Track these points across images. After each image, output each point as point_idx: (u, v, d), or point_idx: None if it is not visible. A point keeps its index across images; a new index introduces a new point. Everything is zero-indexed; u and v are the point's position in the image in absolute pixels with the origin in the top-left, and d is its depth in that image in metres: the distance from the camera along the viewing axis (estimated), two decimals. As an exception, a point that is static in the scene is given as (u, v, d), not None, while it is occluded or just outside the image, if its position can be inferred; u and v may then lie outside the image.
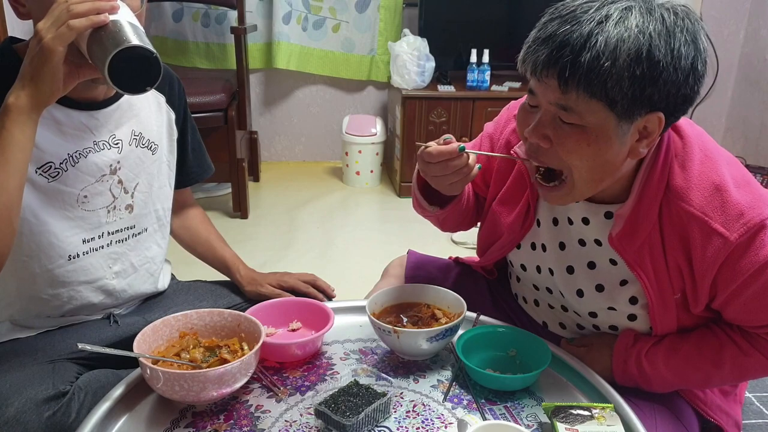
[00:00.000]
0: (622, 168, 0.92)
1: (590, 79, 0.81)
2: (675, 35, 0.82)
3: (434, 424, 0.92)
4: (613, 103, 0.83)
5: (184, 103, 1.24)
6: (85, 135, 1.04)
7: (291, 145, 3.60)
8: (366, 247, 2.53)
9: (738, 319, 0.99)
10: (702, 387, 1.08)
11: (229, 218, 2.78)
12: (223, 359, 0.96)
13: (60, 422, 0.94)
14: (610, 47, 0.79)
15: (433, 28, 3.04)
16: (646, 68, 0.81)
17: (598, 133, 0.86)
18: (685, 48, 0.82)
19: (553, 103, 0.86)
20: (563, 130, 0.87)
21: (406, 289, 1.18)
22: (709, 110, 3.67)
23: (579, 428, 0.86)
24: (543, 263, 1.11)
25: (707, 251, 0.91)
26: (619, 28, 0.80)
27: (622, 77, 0.81)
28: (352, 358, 1.08)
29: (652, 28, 0.81)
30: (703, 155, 0.95)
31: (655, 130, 0.87)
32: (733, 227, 0.90)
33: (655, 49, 0.80)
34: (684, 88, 0.84)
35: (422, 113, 2.97)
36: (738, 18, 3.58)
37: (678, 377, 1.02)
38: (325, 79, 3.45)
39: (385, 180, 3.36)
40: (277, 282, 1.30)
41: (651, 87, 0.82)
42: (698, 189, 0.92)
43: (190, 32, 3.25)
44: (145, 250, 1.18)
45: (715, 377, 1.02)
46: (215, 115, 2.57)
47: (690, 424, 1.07)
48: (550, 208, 1.09)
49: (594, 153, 0.87)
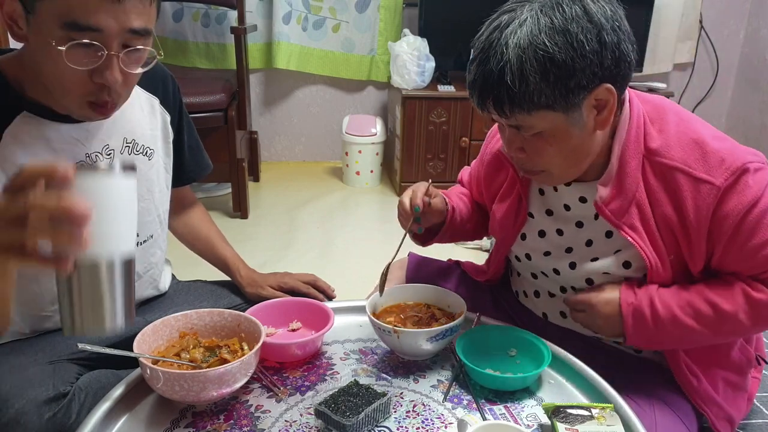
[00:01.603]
0: (594, 144, 0.98)
1: (518, 102, 0.90)
2: (569, 30, 0.87)
3: (434, 424, 0.92)
4: (550, 107, 0.90)
5: (179, 102, 1.22)
6: (77, 148, 1.01)
7: (291, 145, 3.60)
8: (366, 247, 2.53)
9: (739, 267, 1.00)
10: (718, 333, 1.03)
11: (229, 218, 2.77)
12: (223, 359, 0.96)
13: (60, 423, 0.93)
14: (518, 72, 0.88)
15: (433, 28, 3.04)
16: (556, 71, 0.87)
17: (555, 133, 0.94)
18: (584, 33, 0.87)
19: (507, 125, 0.97)
20: (528, 141, 0.97)
21: (406, 289, 1.18)
22: (709, 110, 3.67)
23: (579, 428, 0.86)
24: (541, 249, 1.14)
25: (699, 201, 0.96)
26: (517, 52, 0.88)
27: (541, 88, 0.88)
28: (352, 358, 1.08)
29: (543, 35, 0.87)
30: (677, 118, 1.01)
31: (609, 98, 0.93)
32: (716, 173, 0.95)
33: (554, 53, 0.87)
34: (605, 58, 0.89)
35: (422, 113, 2.97)
36: (738, 18, 3.58)
37: (691, 317, 1.00)
38: (325, 79, 3.45)
39: (385, 180, 3.36)
40: (277, 283, 1.30)
41: (572, 79, 0.88)
42: (677, 145, 0.98)
43: (190, 32, 3.25)
44: (150, 256, 1.18)
45: (729, 318, 1.00)
46: (215, 115, 2.57)
47: (690, 423, 1.07)
48: (542, 199, 1.13)
49: (559, 149, 0.96)
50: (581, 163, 1.00)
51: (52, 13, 0.84)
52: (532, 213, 1.15)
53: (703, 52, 3.63)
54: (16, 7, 0.87)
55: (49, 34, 0.85)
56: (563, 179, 1.04)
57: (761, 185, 0.96)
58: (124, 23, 0.86)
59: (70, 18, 0.84)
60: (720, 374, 1.11)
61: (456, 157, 3.05)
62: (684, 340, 1.03)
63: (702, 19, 3.52)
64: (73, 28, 0.84)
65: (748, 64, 3.60)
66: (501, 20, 0.91)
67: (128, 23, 0.87)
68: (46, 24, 0.85)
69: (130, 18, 0.87)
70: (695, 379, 1.08)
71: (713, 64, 3.66)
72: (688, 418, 1.08)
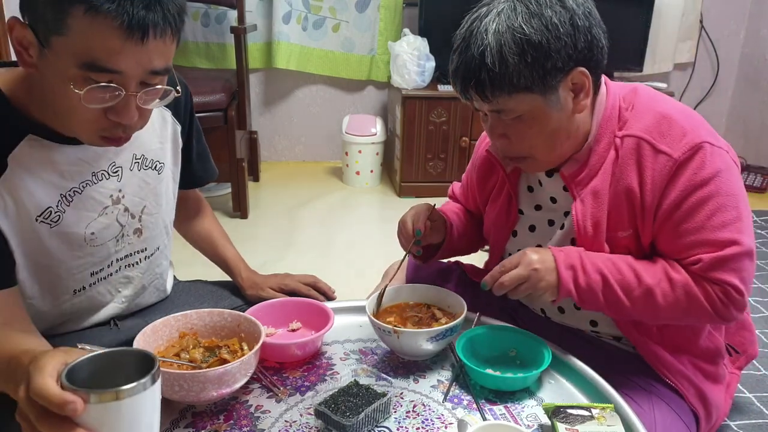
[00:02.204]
0: (573, 128, 1.02)
1: (498, 85, 0.94)
2: (543, 14, 0.93)
3: (434, 424, 0.92)
4: (528, 89, 0.95)
5: (191, 111, 1.19)
6: (83, 169, 0.98)
7: (291, 145, 3.60)
8: (366, 247, 2.53)
9: (666, 248, 1.02)
10: (635, 306, 1.01)
11: (229, 218, 2.78)
12: (223, 359, 0.96)
13: None
14: (497, 55, 0.93)
15: (433, 28, 3.04)
16: (533, 52, 0.93)
17: (534, 115, 0.98)
18: (558, 16, 0.93)
19: (488, 110, 1.01)
20: (510, 126, 1.01)
21: (406, 290, 1.18)
22: (709, 110, 3.67)
23: (579, 428, 0.86)
24: (533, 243, 1.15)
25: (656, 172, 0.99)
26: (497, 36, 0.93)
27: (520, 69, 0.93)
28: (352, 358, 1.08)
29: (520, 20, 0.93)
30: (648, 97, 1.05)
31: (584, 81, 0.98)
32: (676, 147, 0.98)
33: (531, 35, 0.92)
34: (579, 41, 0.95)
35: (422, 113, 2.97)
36: (738, 18, 3.58)
37: (617, 281, 0.99)
38: (325, 78, 3.45)
39: (385, 180, 3.36)
40: (278, 285, 1.29)
41: (548, 60, 0.93)
42: (645, 118, 1.02)
43: (190, 32, 3.24)
44: (156, 267, 1.18)
45: (648, 291, 0.99)
46: (215, 115, 2.57)
47: (689, 423, 1.07)
48: (531, 196, 1.16)
49: (540, 131, 0.99)
50: (562, 146, 1.03)
51: (69, 51, 0.80)
52: (522, 210, 1.18)
53: (704, 51, 3.63)
54: (27, 35, 0.82)
55: (65, 71, 0.81)
56: (547, 164, 1.06)
57: (714, 168, 0.97)
58: (146, 65, 0.83)
59: (90, 59, 0.80)
60: (690, 360, 1.11)
61: (456, 156, 3.05)
62: (610, 304, 1.01)
63: (702, 19, 3.52)
64: (91, 68, 0.80)
65: (748, 63, 3.60)
66: (480, 12, 0.97)
67: (150, 65, 0.83)
68: (61, 60, 0.81)
69: (152, 59, 0.83)
70: (662, 355, 1.08)
71: (713, 63, 3.66)
72: (687, 417, 1.08)
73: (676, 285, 0.99)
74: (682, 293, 0.99)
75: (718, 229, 0.97)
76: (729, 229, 0.97)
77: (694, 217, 0.98)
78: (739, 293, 0.98)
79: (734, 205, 0.97)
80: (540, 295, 1.01)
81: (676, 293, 0.99)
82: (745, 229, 0.98)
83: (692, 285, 0.99)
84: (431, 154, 3.04)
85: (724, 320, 1.01)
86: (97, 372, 0.70)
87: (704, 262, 0.98)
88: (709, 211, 0.97)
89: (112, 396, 0.64)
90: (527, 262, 1.01)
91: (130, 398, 0.65)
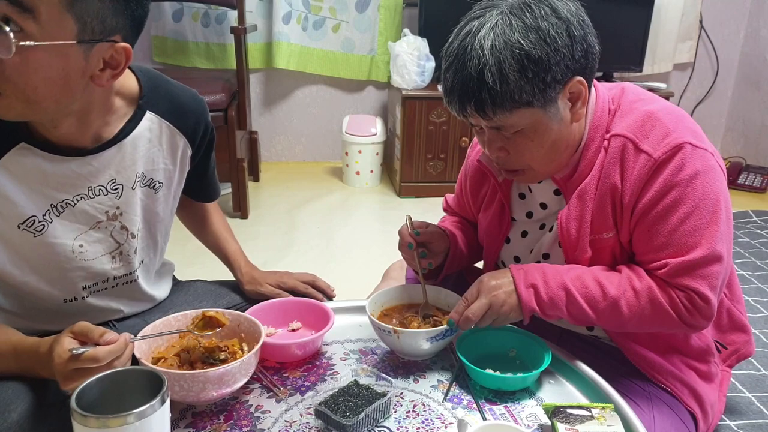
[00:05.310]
0: (571, 138, 1.01)
1: (500, 103, 0.92)
2: (540, 27, 0.91)
3: (434, 424, 0.92)
4: (529, 103, 0.93)
5: (208, 142, 1.18)
6: (79, 182, 0.98)
7: (291, 145, 3.60)
8: (366, 247, 2.53)
9: (637, 248, 1.01)
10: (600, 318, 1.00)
11: (229, 218, 2.76)
12: (223, 359, 0.96)
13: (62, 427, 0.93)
14: (497, 73, 0.90)
15: (433, 28, 3.04)
16: (534, 67, 0.90)
17: (535, 128, 0.96)
18: (555, 29, 0.91)
19: (487, 127, 0.98)
20: (509, 140, 0.99)
21: (406, 290, 1.18)
22: (709, 110, 3.67)
23: (579, 428, 0.86)
24: (527, 248, 1.15)
25: (636, 172, 0.98)
26: (494, 53, 0.90)
27: (521, 85, 0.91)
28: (352, 358, 1.08)
29: (517, 34, 0.90)
30: (635, 96, 1.05)
31: (581, 90, 0.96)
32: (657, 146, 0.97)
33: (530, 50, 0.90)
34: (576, 51, 0.93)
35: (422, 113, 2.97)
36: (738, 18, 3.58)
37: (579, 291, 0.99)
38: (325, 79, 3.45)
39: (385, 180, 3.36)
40: (276, 282, 1.29)
41: (548, 73, 0.91)
42: (630, 117, 1.01)
43: (190, 32, 3.25)
44: (150, 279, 1.19)
45: (613, 303, 0.98)
46: (215, 115, 2.57)
47: (689, 423, 1.07)
48: (522, 203, 1.15)
49: (540, 144, 0.98)
50: (561, 156, 1.02)
51: None
52: (514, 217, 1.17)
53: (703, 52, 3.63)
54: None
55: None
56: (544, 175, 1.05)
57: (693, 169, 0.95)
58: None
59: None
60: (681, 360, 1.10)
61: (456, 156, 3.05)
62: (576, 318, 1.01)
63: (702, 19, 3.52)
64: None
65: (748, 64, 3.60)
66: (471, 26, 0.93)
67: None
68: None
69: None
70: (651, 358, 1.08)
71: (713, 64, 3.66)
72: (685, 417, 1.08)
73: (640, 294, 0.98)
74: (647, 301, 0.98)
75: (689, 233, 0.95)
76: (700, 233, 0.95)
77: (668, 219, 0.96)
78: (705, 300, 0.96)
79: (710, 209, 0.95)
80: (505, 318, 1.01)
81: (641, 302, 0.98)
82: (717, 234, 0.95)
83: (657, 292, 0.97)
84: (431, 154, 3.04)
85: (691, 328, 0.99)
86: (106, 392, 0.71)
87: (670, 266, 0.96)
88: (683, 213, 0.95)
89: (122, 421, 0.65)
90: (486, 290, 1.01)
91: (140, 421, 0.66)
